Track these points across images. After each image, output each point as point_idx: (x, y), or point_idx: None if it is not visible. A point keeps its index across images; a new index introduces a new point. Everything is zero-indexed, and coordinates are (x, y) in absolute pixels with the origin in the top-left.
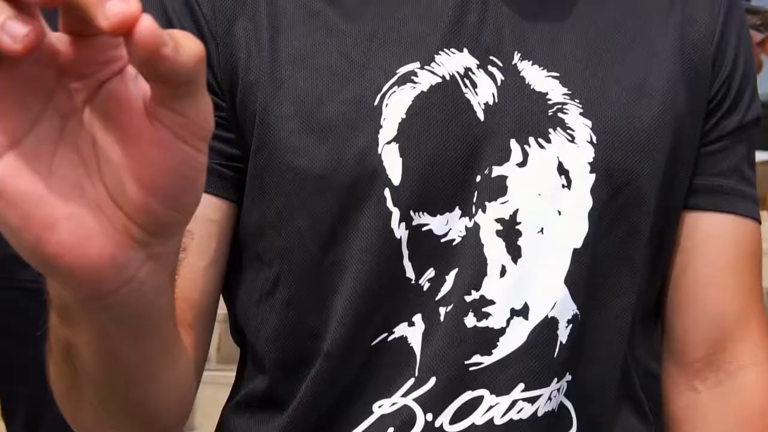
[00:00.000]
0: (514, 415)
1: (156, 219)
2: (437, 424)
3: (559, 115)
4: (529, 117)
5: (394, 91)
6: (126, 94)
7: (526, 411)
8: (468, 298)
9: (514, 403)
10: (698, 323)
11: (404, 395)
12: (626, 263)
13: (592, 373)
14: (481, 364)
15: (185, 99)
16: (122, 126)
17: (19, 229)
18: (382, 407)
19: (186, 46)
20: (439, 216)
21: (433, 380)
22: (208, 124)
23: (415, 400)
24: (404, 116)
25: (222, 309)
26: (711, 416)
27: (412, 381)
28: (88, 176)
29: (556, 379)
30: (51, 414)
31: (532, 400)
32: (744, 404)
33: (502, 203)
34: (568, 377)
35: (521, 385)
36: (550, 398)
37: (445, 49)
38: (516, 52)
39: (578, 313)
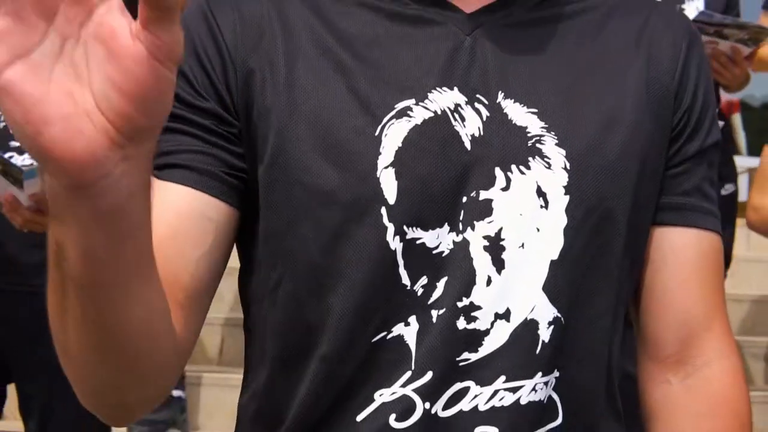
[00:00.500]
0: (496, 402)
1: (132, 124)
2: (432, 411)
3: (537, 145)
4: (511, 148)
5: (392, 123)
6: (114, 21)
7: (507, 399)
8: (460, 304)
9: (496, 392)
10: (669, 324)
11: (403, 386)
12: (602, 272)
13: (579, 370)
14: (468, 360)
15: (162, 24)
16: (110, 46)
17: (22, 123)
18: (383, 396)
19: None
20: (430, 231)
21: (429, 374)
22: (177, 49)
23: (414, 390)
24: (400, 145)
25: (223, 313)
26: (683, 405)
27: (409, 374)
28: (80, 86)
29: (540, 373)
30: (61, 412)
31: (513, 390)
32: (711, 394)
33: (489, 222)
34: (557, 373)
35: (503, 377)
36: (534, 389)
37: (437, 88)
38: (500, 92)
39: (559, 315)
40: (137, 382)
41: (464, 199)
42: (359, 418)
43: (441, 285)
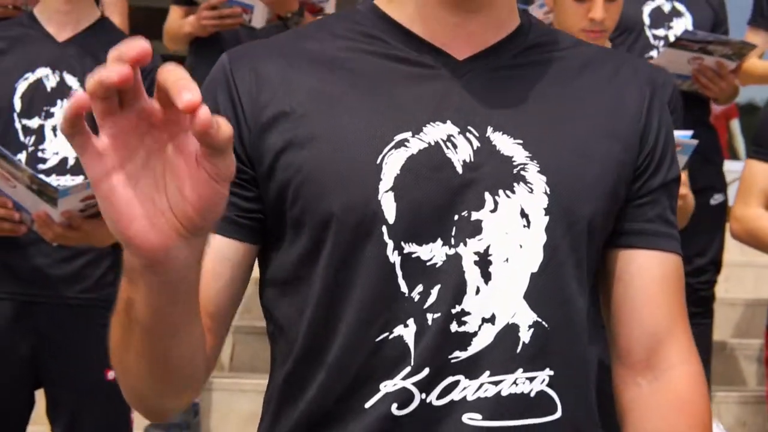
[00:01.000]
0: (481, 393)
1: (194, 224)
2: (428, 401)
3: (522, 172)
4: (499, 174)
5: (391, 154)
6: (186, 145)
7: (490, 391)
8: (453, 311)
9: (481, 385)
10: (638, 335)
11: (403, 379)
12: (576, 281)
13: (571, 368)
14: (459, 357)
15: (218, 157)
16: (181, 164)
17: (114, 219)
18: (386, 387)
19: (224, 129)
20: (424, 245)
21: (426, 370)
22: (230, 173)
23: (413, 384)
24: (398, 172)
25: (233, 322)
26: (651, 404)
27: (408, 369)
28: (158, 193)
29: (521, 369)
30: (87, 419)
31: (496, 383)
32: (674, 394)
33: (479, 240)
34: (550, 371)
35: (488, 372)
36: (515, 383)
37: (431, 122)
38: (489, 126)
39: (540, 320)
40: (177, 394)
41: (456, 217)
42: (366, 405)
43: (435, 292)
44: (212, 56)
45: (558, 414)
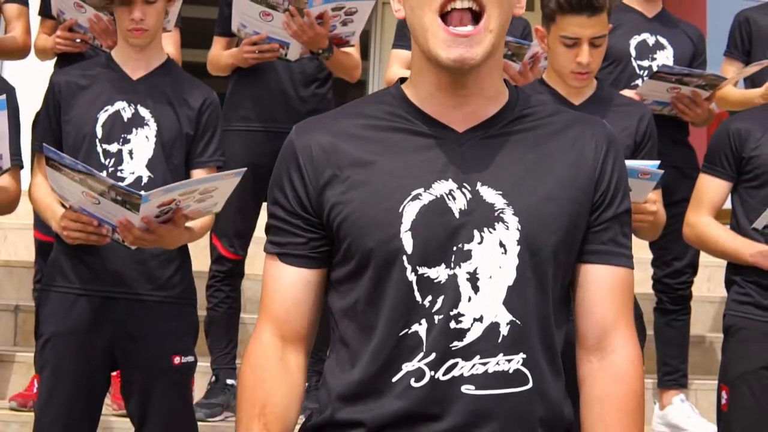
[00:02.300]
0: (473, 371)
1: None
2: (436, 377)
3: (501, 215)
4: (484, 217)
5: (409, 204)
6: None
7: (479, 369)
8: (452, 313)
9: (474, 365)
10: (591, 327)
11: (419, 361)
12: (541, 291)
13: (539, 353)
14: (457, 346)
15: None
16: None
17: None
18: (407, 367)
19: None
20: (432, 268)
21: (434, 354)
22: None
23: (425, 364)
24: (414, 217)
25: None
26: (598, 376)
27: (422, 354)
28: None
29: (502, 354)
30: (160, 400)
31: (484, 364)
32: (615, 370)
33: (470, 264)
34: (523, 355)
35: (478, 356)
36: (498, 364)
37: (438, 180)
38: (479, 182)
39: (514, 319)
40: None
41: (454, 248)
42: (393, 380)
43: (440, 301)
44: (251, 84)
45: (530, 385)
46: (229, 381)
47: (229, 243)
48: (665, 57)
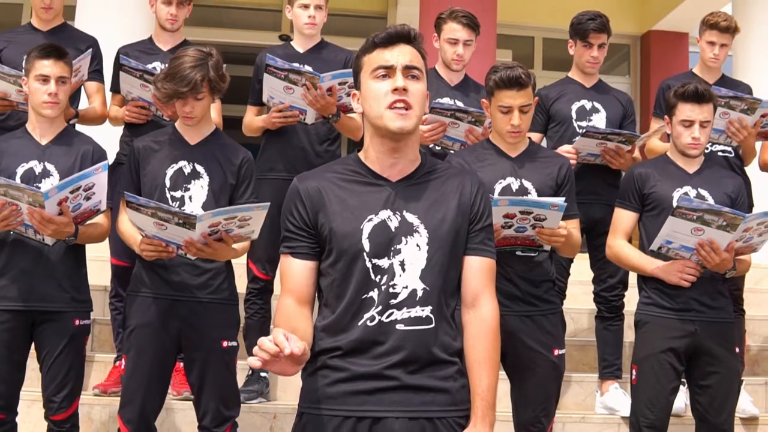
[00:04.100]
0: (402, 316)
1: (293, 371)
2: (381, 319)
3: (416, 229)
4: (407, 230)
5: (365, 224)
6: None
7: (405, 314)
8: (391, 284)
9: (402, 313)
10: (469, 292)
11: (372, 311)
12: (441, 272)
13: (440, 307)
14: (393, 302)
15: (297, 361)
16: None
17: (279, 372)
18: (366, 315)
19: (295, 353)
20: (380, 260)
21: (380, 307)
22: (302, 362)
23: (376, 313)
24: (369, 231)
25: None
26: (474, 322)
27: (373, 307)
28: (301, 365)
29: (418, 306)
30: (213, 374)
31: (408, 312)
32: (482, 319)
33: (400, 256)
34: (430, 308)
35: (405, 308)
36: (415, 311)
37: (381, 210)
38: (405, 211)
39: (425, 287)
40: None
41: (392, 248)
42: (358, 323)
43: (384, 278)
44: (278, 142)
45: (432, 325)
46: (262, 374)
47: (262, 267)
48: (600, 119)
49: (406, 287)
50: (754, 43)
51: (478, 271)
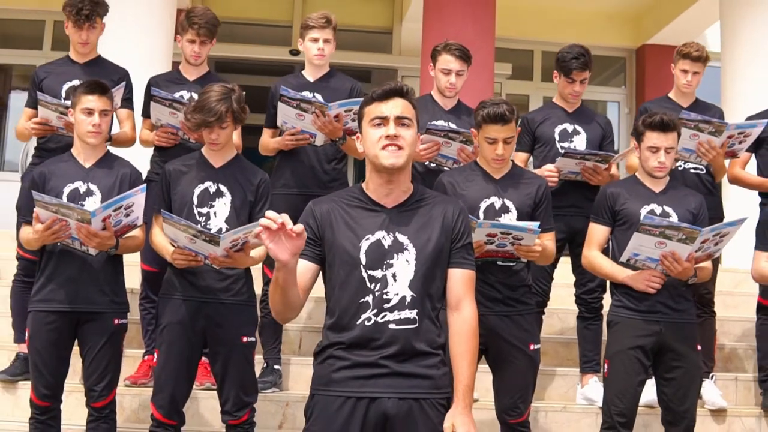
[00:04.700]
0: (394, 317)
1: (295, 255)
2: (377, 320)
3: (406, 247)
4: (398, 248)
5: (363, 242)
6: (289, 237)
7: (396, 317)
8: (384, 290)
9: (393, 315)
10: (453, 297)
11: (368, 313)
12: (427, 283)
13: (424, 310)
14: (386, 306)
15: (299, 238)
16: (294, 243)
17: (280, 259)
18: (363, 316)
19: (297, 231)
20: (375, 271)
21: (376, 310)
22: (302, 244)
23: (372, 314)
24: (366, 248)
25: (300, 323)
26: (456, 322)
27: (369, 310)
28: (293, 255)
29: (407, 310)
30: (234, 365)
31: (399, 314)
32: (464, 320)
33: (392, 269)
34: (416, 311)
35: (396, 311)
36: (404, 314)
37: (377, 231)
38: (397, 232)
39: (413, 294)
40: (292, 312)
41: (384, 262)
42: (357, 322)
43: (378, 286)
44: (290, 162)
45: (416, 325)
46: (276, 366)
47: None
48: (581, 140)
49: (397, 294)
50: (741, 58)
51: (459, 281)
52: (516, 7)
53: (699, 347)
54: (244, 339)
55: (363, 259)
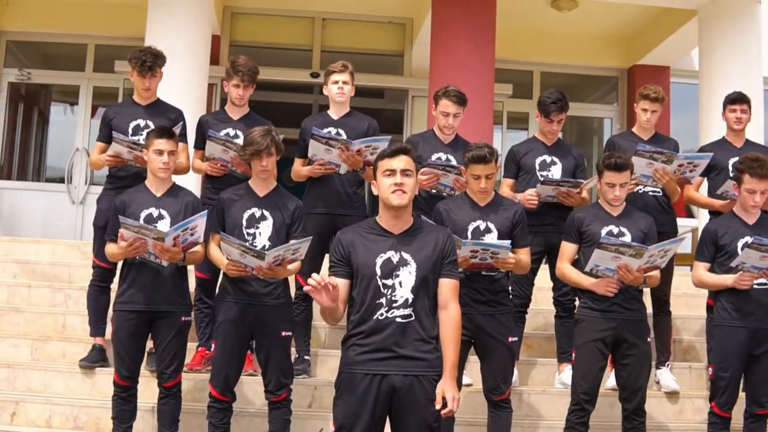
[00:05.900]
0: (398, 313)
1: (334, 302)
2: (387, 315)
3: (410, 262)
4: (403, 263)
5: (377, 260)
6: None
7: (401, 313)
8: (393, 295)
9: (399, 311)
10: (442, 299)
11: (381, 309)
12: (425, 288)
13: (421, 309)
14: (394, 305)
15: (335, 291)
16: (331, 295)
17: (326, 303)
18: (377, 313)
19: (333, 291)
20: (386, 280)
21: (386, 308)
22: (337, 297)
23: (384, 311)
24: (380, 264)
25: (325, 322)
26: (445, 318)
27: (383, 308)
28: (333, 301)
29: (410, 308)
30: (275, 354)
31: (402, 311)
32: (451, 315)
33: (399, 278)
34: (413, 309)
35: (402, 308)
36: (405, 310)
37: (387, 251)
38: (402, 252)
39: (414, 297)
40: (338, 320)
41: (393, 273)
42: (373, 317)
43: (389, 291)
44: (319, 187)
45: (413, 318)
46: (306, 357)
47: (305, 277)
48: (557, 169)
49: (402, 296)
50: (716, 82)
51: (447, 287)
52: (516, 30)
53: (649, 339)
54: (283, 333)
55: (378, 271)
